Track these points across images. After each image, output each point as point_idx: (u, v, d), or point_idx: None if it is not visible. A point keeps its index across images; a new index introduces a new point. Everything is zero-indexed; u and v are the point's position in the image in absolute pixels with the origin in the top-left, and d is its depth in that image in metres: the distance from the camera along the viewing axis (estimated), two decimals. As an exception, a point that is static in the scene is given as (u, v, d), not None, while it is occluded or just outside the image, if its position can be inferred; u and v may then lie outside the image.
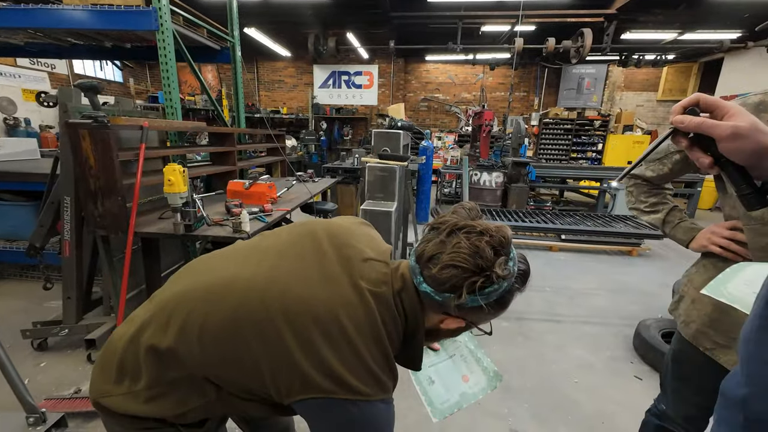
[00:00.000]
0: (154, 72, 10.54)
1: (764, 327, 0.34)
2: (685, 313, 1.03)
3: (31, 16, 2.40)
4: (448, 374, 0.87)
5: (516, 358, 2.34)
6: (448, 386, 0.85)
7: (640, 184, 1.13)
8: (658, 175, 1.06)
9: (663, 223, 1.10)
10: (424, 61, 10.32)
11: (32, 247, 2.27)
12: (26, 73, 7.05)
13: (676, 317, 1.07)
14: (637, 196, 1.15)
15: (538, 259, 4.18)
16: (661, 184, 1.12)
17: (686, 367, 1.04)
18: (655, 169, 1.06)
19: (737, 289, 0.64)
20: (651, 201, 1.12)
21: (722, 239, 0.93)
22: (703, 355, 0.97)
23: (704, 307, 0.97)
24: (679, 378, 1.07)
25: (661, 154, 1.03)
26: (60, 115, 1.89)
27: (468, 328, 0.71)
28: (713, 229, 0.97)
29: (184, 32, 2.85)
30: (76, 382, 1.96)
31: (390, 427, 0.65)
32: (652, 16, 6.90)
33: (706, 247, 0.97)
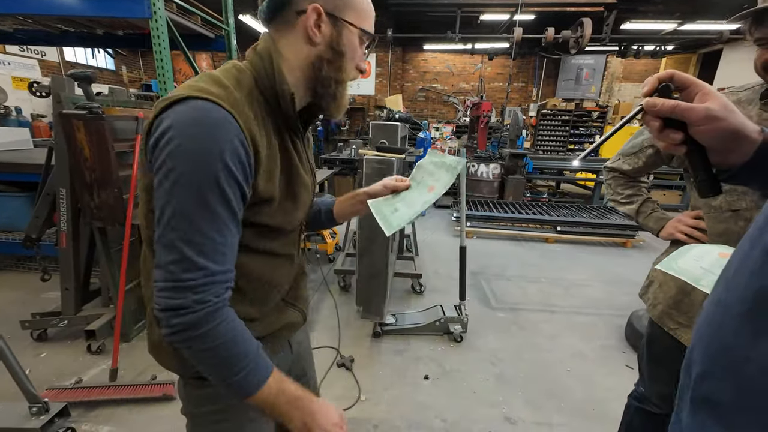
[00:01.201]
0: (147, 60, 10.35)
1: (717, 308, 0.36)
2: (653, 296, 1.12)
3: (20, 2, 2.34)
4: (414, 197, 0.83)
5: (510, 348, 2.39)
6: (411, 205, 0.81)
7: (617, 177, 1.22)
8: (634, 168, 1.15)
9: (637, 213, 1.19)
10: (422, 50, 10.20)
11: (28, 238, 2.26)
12: (16, 60, 6.89)
13: (645, 301, 1.16)
14: (614, 189, 1.24)
15: (534, 251, 4.22)
16: (636, 177, 1.21)
17: (656, 348, 1.13)
18: (630, 163, 1.16)
19: (686, 263, 0.72)
20: (627, 193, 1.21)
21: (687, 227, 1.02)
22: (668, 335, 1.05)
23: (669, 290, 1.06)
24: (652, 359, 1.15)
25: (637, 149, 1.13)
26: (53, 106, 1.86)
27: (338, 14, 0.62)
28: (680, 218, 1.07)
29: (177, 20, 2.79)
30: (77, 372, 1.98)
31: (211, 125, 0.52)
32: (652, 6, 6.84)
33: (673, 234, 1.07)
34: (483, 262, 3.77)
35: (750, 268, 0.32)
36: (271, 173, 0.61)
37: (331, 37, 0.62)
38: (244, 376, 0.57)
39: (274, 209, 0.64)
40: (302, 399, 0.62)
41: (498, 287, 3.26)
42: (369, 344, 2.37)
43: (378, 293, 2.31)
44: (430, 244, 4.24)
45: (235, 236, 0.57)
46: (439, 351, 2.33)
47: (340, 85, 0.66)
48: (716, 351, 0.35)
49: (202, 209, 0.52)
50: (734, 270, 0.36)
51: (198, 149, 0.51)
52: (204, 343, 0.54)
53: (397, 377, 2.08)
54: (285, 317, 0.79)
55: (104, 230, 2.10)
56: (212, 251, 0.54)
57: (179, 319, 0.53)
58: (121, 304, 1.93)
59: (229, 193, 0.53)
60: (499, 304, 2.95)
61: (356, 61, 0.67)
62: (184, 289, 0.53)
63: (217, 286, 0.55)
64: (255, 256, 0.67)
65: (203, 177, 0.51)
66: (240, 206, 0.57)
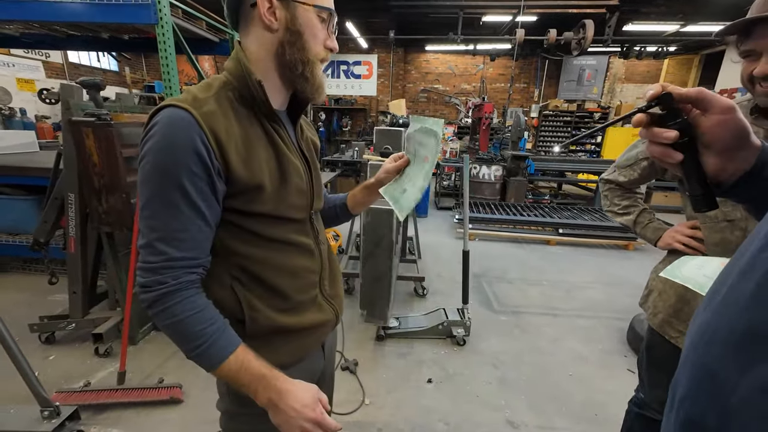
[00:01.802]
0: (150, 61, 10.38)
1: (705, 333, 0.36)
2: (653, 304, 1.14)
3: (28, 9, 2.36)
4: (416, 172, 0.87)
5: (513, 351, 2.41)
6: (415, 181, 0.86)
7: (613, 188, 1.25)
8: (629, 180, 1.18)
9: (634, 223, 1.21)
10: (423, 51, 10.20)
11: (36, 242, 2.29)
12: (20, 61, 6.93)
13: (646, 309, 1.18)
14: (611, 200, 1.26)
15: (536, 253, 4.24)
16: (632, 188, 1.23)
17: (657, 355, 1.14)
18: (626, 175, 1.18)
19: (690, 271, 0.74)
20: (624, 204, 1.23)
21: (684, 237, 1.04)
22: (669, 343, 1.07)
23: (669, 298, 1.08)
24: (652, 366, 1.17)
25: (632, 161, 1.16)
26: (63, 113, 1.89)
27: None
28: (677, 228, 1.09)
29: (183, 25, 2.82)
30: (85, 374, 2.01)
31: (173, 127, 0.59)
32: (655, 8, 6.83)
33: (670, 244, 1.08)
34: (485, 265, 3.79)
35: (740, 301, 0.33)
36: (248, 161, 0.65)
37: (286, 19, 0.65)
38: (203, 351, 0.62)
39: (267, 195, 0.67)
40: (267, 377, 0.64)
41: (500, 290, 3.27)
42: (373, 347, 2.40)
43: (382, 297, 2.33)
44: (433, 246, 4.25)
45: (199, 226, 0.62)
46: (443, 354, 2.35)
47: (308, 65, 0.68)
48: (702, 376, 0.35)
49: (163, 202, 0.59)
50: (722, 297, 0.36)
51: (160, 149, 0.58)
52: (164, 319, 0.61)
53: (401, 381, 2.11)
54: (321, 314, 0.81)
55: (112, 234, 2.13)
56: (172, 239, 0.60)
57: (144, 295, 0.61)
58: (128, 308, 1.96)
59: (188, 187, 0.59)
60: (501, 307, 2.97)
61: (320, 39, 0.68)
62: (148, 271, 0.61)
63: (175, 271, 0.61)
64: (269, 245, 0.71)
65: (164, 172, 0.58)
66: (207, 196, 0.61)
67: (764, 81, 0.80)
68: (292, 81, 0.70)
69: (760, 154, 0.44)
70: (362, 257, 2.30)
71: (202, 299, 0.64)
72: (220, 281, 0.70)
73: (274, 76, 0.69)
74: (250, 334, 0.71)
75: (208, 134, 0.60)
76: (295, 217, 0.74)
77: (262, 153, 0.67)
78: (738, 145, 0.44)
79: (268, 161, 0.67)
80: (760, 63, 0.79)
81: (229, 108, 0.65)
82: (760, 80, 0.81)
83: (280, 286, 0.73)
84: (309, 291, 0.79)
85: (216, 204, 0.64)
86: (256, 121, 0.68)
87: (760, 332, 0.30)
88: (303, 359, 0.80)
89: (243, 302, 0.70)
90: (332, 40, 0.71)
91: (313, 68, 0.69)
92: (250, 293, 0.71)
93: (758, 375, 0.30)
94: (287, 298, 0.74)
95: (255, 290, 0.71)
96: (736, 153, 0.44)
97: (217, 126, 0.61)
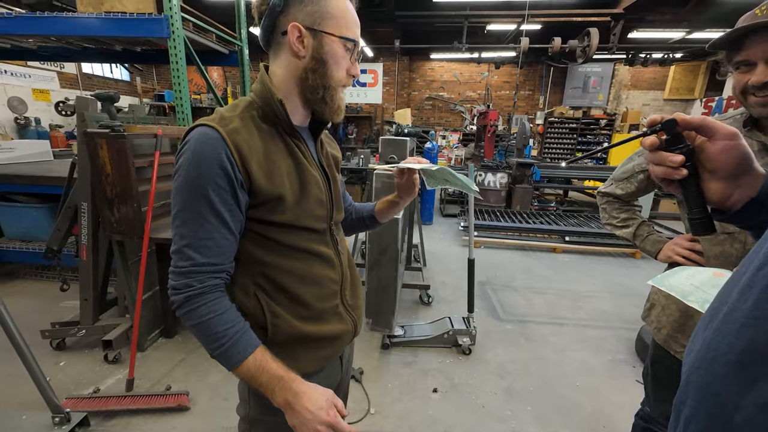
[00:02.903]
0: (161, 70, 10.61)
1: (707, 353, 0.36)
2: (657, 319, 1.13)
3: (47, 24, 2.46)
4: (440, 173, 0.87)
5: (519, 361, 2.39)
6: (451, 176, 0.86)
7: (611, 201, 1.25)
8: (627, 193, 1.19)
9: (634, 236, 1.21)
10: (428, 59, 10.29)
11: (50, 250, 2.34)
12: (36, 72, 7.13)
13: (649, 324, 1.17)
14: (609, 213, 1.26)
15: (542, 261, 4.21)
16: (630, 200, 1.24)
17: (662, 370, 1.13)
18: (623, 188, 1.19)
19: (677, 281, 0.74)
20: (622, 217, 1.23)
21: (684, 250, 1.04)
22: (674, 358, 1.06)
23: (672, 313, 1.07)
24: (657, 381, 1.16)
25: (628, 174, 1.17)
26: (78, 125, 1.95)
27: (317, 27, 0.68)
28: (676, 241, 1.09)
29: (194, 38, 2.89)
30: (94, 381, 2.04)
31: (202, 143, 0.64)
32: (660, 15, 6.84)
33: (671, 257, 1.08)
34: (490, 272, 3.77)
35: (740, 320, 0.33)
36: (270, 173, 0.69)
37: (313, 48, 0.69)
38: (225, 351, 0.66)
39: (288, 205, 0.70)
40: (283, 379, 0.67)
41: (506, 298, 3.26)
42: (378, 356, 2.40)
43: (387, 305, 2.33)
44: (438, 253, 4.25)
45: (223, 234, 0.67)
46: (448, 363, 2.34)
47: (329, 91, 0.72)
48: (704, 397, 0.36)
49: (191, 212, 0.65)
50: (722, 316, 0.36)
51: (190, 164, 0.64)
52: (189, 319, 0.66)
53: (406, 390, 2.10)
54: (342, 324, 0.83)
55: (122, 243, 2.17)
56: (199, 246, 0.66)
57: (173, 297, 0.66)
58: (138, 316, 1.99)
59: (213, 198, 0.64)
60: (507, 316, 2.96)
61: (343, 67, 0.72)
62: (177, 274, 0.66)
63: (201, 275, 0.66)
64: (291, 253, 0.74)
65: (192, 185, 0.64)
66: (230, 207, 0.66)
67: (759, 90, 0.81)
68: (312, 103, 0.74)
69: (765, 181, 0.45)
70: (367, 265, 2.32)
71: (225, 302, 0.68)
72: (244, 289, 0.74)
73: (295, 98, 0.74)
74: (272, 341, 0.74)
75: (232, 149, 0.64)
76: (315, 227, 0.76)
77: (282, 165, 0.71)
78: (742, 171, 0.45)
79: (288, 173, 0.71)
80: (755, 72, 0.80)
81: (253, 125, 0.70)
82: (755, 90, 0.82)
83: (301, 294, 0.76)
84: (330, 300, 0.81)
85: (239, 213, 0.68)
86: (278, 136, 0.72)
87: (759, 350, 0.31)
88: (323, 369, 0.82)
89: (266, 309, 0.74)
90: (355, 68, 0.75)
91: (333, 93, 0.73)
92: (273, 301, 0.74)
93: (760, 393, 0.30)
94: (309, 306, 0.77)
95: (277, 298, 0.75)
96: (740, 179, 0.46)
97: (241, 142, 0.66)
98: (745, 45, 0.80)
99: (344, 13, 0.70)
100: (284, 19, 0.68)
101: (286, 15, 0.68)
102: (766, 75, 0.79)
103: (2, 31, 2.52)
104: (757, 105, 0.84)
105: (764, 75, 0.79)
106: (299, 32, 0.68)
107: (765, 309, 0.31)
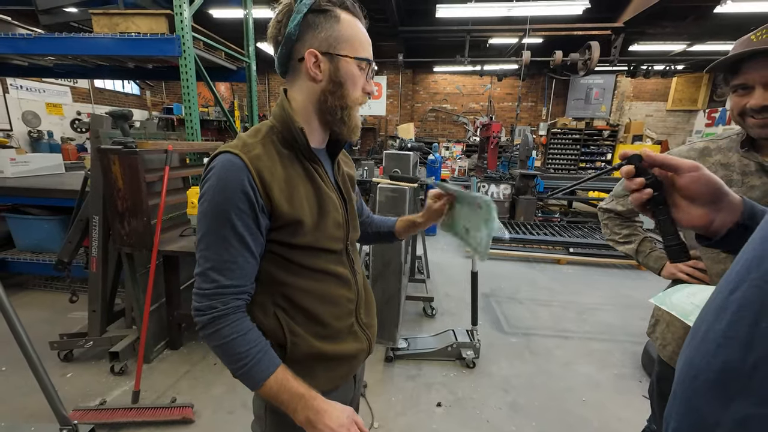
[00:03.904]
0: (170, 84, 10.87)
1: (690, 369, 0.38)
2: (662, 335, 1.13)
3: (66, 44, 2.56)
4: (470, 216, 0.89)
5: (523, 374, 2.37)
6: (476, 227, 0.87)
7: (612, 217, 1.27)
8: (627, 209, 1.21)
9: (636, 252, 1.21)
10: (431, 71, 10.46)
11: (60, 261, 2.39)
12: (50, 87, 7.35)
13: (654, 340, 1.17)
14: (611, 228, 1.27)
15: (546, 273, 4.20)
16: (631, 217, 1.25)
17: (667, 387, 1.11)
18: (623, 204, 1.21)
19: (679, 299, 0.75)
20: (624, 233, 1.24)
21: (687, 267, 1.05)
22: None
23: (677, 330, 1.07)
24: (663, 397, 1.15)
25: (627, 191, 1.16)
26: (92, 141, 2.02)
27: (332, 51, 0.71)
28: None
29: (204, 55, 2.99)
30: (101, 393, 2.06)
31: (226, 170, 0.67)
32: (660, 29, 6.93)
33: (674, 274, 1.09)
34: (494, 284, 3.77)
35: (716, 339, 0.35)
36: (290, 197, 0.71)
37: (329, 72, 0.71)
38: (246, 371, 0.68)
39: (307, 229, 0.72)
40: (305, 397, 0.68)
41: (510, 310, 3.25)
42: (382, 369, 2.39)
43: (391, 318, 2.34)
44: (441, 265, 4.26)
45: (246, 257, 0.69)
46: (452, 377, 2.33)
47: (346, 110, 0.74)
48: (687, 411, 0.38)
49: (216, 236, 0.67)
50: (702, 334, 0.38)
51: (214, 190, 0.67)
52: (213, 340, 0.68)
53: (410, 404, 2.09)
54: (357, 343, 0.85)
55: (132, 255, 2.21)
56: (222, 269, 0.68)
57: (198, 318, 0.68)
58: (145, 328, 2.02)
59: (236, 222, 0.66)
60: (511, 329, 2.94)
61: (359, 86, 0.75)
62: (201, 296, 0.68)
63: (225, 297, 0.68)
64: (310, 274, 0.76)
65: (216, 210, 0.66)
66: (252, 230, 0.68)
67: (757, 113, 0.83)
68: (331, 124, 0.76)
69: (744, 207, 0.49)
70: (371, 278, 2.34)
71: (246, 323, 0.70)
72: (263, 308, 0.76)
73: (314, 121, 0.76)
74: (291, 359, 0.76)
75: (254, 175, 0.67)
76: (332, 248, 0.78)
77: (302, 190, 0.73)
78: (717, 197, 0.49)
79: (308, 197, 0.74)
80: (754, 96, 0.83)
81: (274, 150, 0.72)
82: (754, 113, 0.84)
83: (319, 313, 0.78)
84: (346, 319, 0.83)
85: (260, 237, 0.71)
86: (297, 161, 0.75)
87: (734, 368, 0.33)
88: (338, 388, 0.84)
89: (285, 328, 0.75)
90: (370, 85, 0.77)
91: (351, 112, 0.75)
92: (292, 320, 0.76)
93: (737, 409, 0.32)
94: (326, 325, 0.79)
95: (296, 317, 0.77)
96: (718, 204, 0.49)
97: (263, 168, 0.69)
98: (742, 69, 0.83)
99: (357, 34, 0.72)
100: (300, 47, 0.70)
101: (302, 42, 0.70)
102: (764, 98, 0.81)
103: (23, 51, 2.63)
104: (756, 126, 0.85)
105: (762, 98, 0.81)
106: (315, 58, 0.70)
107: (737, 330, 0.33)
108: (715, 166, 0.97)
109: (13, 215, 3.16)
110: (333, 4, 0.70)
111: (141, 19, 2.52)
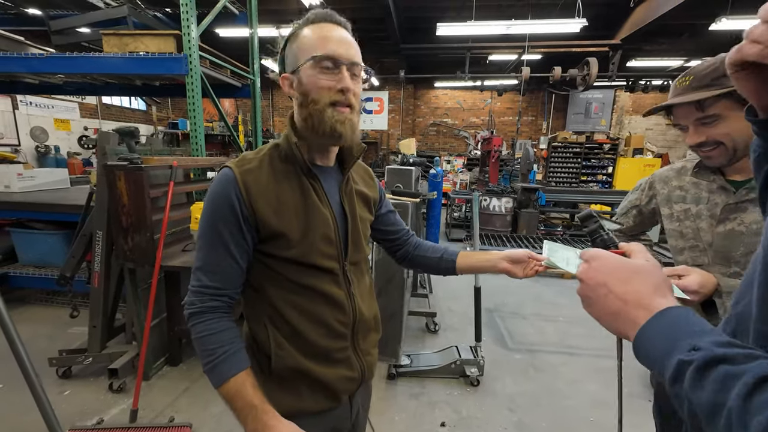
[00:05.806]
0: (175, 100, 11.08)
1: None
2: None
3: (77, 63, 2.62)
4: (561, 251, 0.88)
5: (529, 393, 2.32)
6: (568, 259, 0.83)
7: (617, 234, 1.26)
8: (627, 227, 1.24)
9: None
10: (432, 87, 10.63)
11: (63, 276, 2.39)
12: (58, 103, 7.51)
13: None
14: None
15: (551, 287, 4.15)
16: (633, 234, 1.27)
17: (666, 404, 1.12)
18: (623, 222, 1.24)
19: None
20: None
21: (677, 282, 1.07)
22: None
23: None
24: (662, 415, 1.15)
25: (625, 210, 1.23)
26: (99, 158, 2.05)
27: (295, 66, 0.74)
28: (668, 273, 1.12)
29: (210, 73, 3.06)
30: (98, 411, 2.02)
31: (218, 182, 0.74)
32: (657, 45, 7.06)
33: None
34: (498, 299, 3.73)
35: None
36: (279, 210, 0.74)
37: (296, 85, 0.75)
38: (211, 368, 0.71)
39: (293, 242, 0.74)
40: (257, 408, 0.68)
41: (514, 326, 3.20)
42: (384, 386, 2.35)
43: (393, 334, 2.31)
44: (444, 279, 4.21)
45: (230, 263, 0.74)
46: (456, 395, 2.29)
47: (317, 114, 0.72)
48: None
49: (205, 240, 0.74)
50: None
51: (209, 199, 0.74)
52: (192, 333, 0.73)
53: (414, 424, 2.04)
54: (348, 370, 0.83)
55: (134, 270, 2.21)
56: (207, 270, 0.74)
57: (184, 311, 0.74)
58: (145, 345, 2.00)
59: (222, 230, 0.72)
60: (515, 345, 2.89)
61: (324, 87, 0.71)
62: (189, 292, 0.75)
63: (204, 296, 0.73)
64: (297, 289, 0.77)
65: (208, 218, 0.74)
66: (236, 239, 0.73)
67: (698, 148, 0.93)
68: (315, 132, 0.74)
69: None
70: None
71: (222, 323, 0.73)
72: (256, 318, 0.79)
73: (311, 135, 0.76)
74: (275, 371, 0.77)
75: (241, 188, 0.72)
76: (324, 266, 0.77)
77: (291, 203, 0.75)
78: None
79: (296, 211, 0.75)
80: (689, 134, 0.93)
81: (269, 165, 0.77)
82: (694, 148, 0.94)
83: (304, 330, 0.77)
84: (338, 342, 0.81)
85: (245, 244, 0.74)
86: (293, 175, 0.77)
87: None
88: (330, 410, 0.82)
89: (271, 339, 0.77)
90: (342, 81, 0.71)
91: (322, 114, 0.72)
92: (278, 332, 0.78)
93: None
94: (312, 344, 0.78)
95: (282, 329, 0.78)
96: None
97: (251, 181, 0.73)
98: (674, 113, 0.94)
99: (313, 37, 0.71)
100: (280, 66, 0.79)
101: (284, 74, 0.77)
102: (696, 137, 0.91)
103: (36, 69, 2.70)
104: (704, 157, 0.95)
105: (695, 137, 0.91)
106: (286, 79, 0.76)
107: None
108: (688, 184, 1.05)
109: (17, 230, 3.18)
110: (299, 27, 0.75)
111: (150, 39, 2.60)
